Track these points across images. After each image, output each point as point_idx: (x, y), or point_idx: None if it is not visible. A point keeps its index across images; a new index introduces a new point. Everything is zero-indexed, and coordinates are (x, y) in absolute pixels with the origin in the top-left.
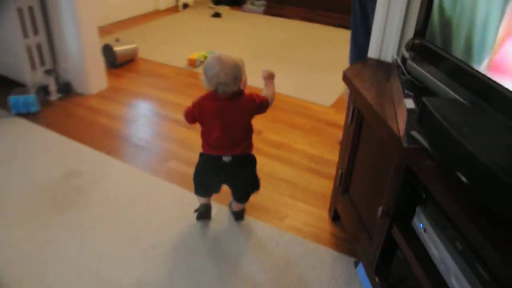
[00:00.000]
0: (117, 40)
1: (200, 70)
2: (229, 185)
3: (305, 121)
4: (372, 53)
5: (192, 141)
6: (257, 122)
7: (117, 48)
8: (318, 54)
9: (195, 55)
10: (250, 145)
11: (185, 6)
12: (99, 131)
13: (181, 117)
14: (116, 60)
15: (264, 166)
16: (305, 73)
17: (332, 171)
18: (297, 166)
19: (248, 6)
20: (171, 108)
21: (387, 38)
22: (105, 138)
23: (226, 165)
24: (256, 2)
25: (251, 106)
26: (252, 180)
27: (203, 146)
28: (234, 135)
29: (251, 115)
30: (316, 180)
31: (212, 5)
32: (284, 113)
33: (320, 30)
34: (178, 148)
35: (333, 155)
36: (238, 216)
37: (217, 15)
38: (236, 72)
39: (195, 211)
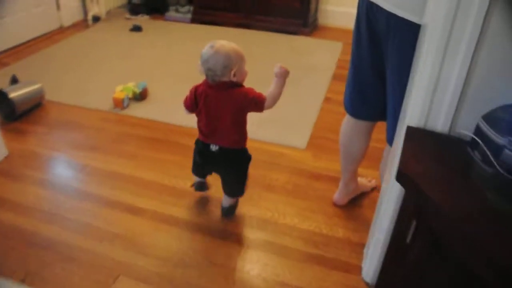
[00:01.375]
0: (13, 80)
1: (129, 111)
2: (219, 175)
3: (283, 177)
4: (413, 119)
5: (141, 232)
6: None
7: (15, 94)
8: (268, 68)
9: (121, 93)
10: (240, 141)
11: (96, 19)
12: (2, 239)
13: (123, 197)
14: (15, 110)
15: (253, 265)
16: None
17: (341, 254)
18: (294, 256)
19: (172, 14)
20: (102, 181)
21: (437, 99)
22: (13, 252)
23: (213, 155)
24: (181, 9)
25: (241, 100)
26: (239, 180)
27: (198, 132)
28: (221, 126)
29: (243, 110)
30: (327, 277)
31: (128, 15)
32: (254, 168)
33: (261, 38)
34: (127, 252)
35: (332, 227)
36: (226, 211)
37: (137, 28)
38: (227, 62)
39: (192, 185)
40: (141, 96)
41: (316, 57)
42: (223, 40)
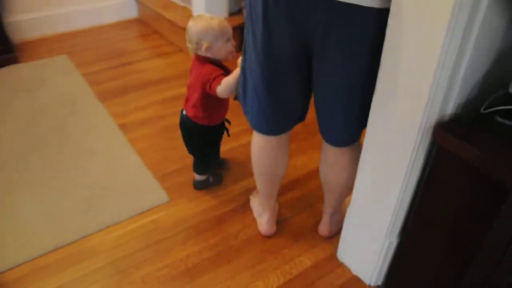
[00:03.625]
0: None
1: None
2: None
3: (182, 252)
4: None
5: None
6: None
7: None
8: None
9: None
10: (204, 118)
11: None
12: None
13: None
14: None
15: None
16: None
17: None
18: None
19: None
20: None
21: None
22: None
23: (182, 121)
24: None
25: (201, 78)
26: (198, 153)
27: None
28: (190, 95)
29: (203, 88)
30: None
31: None
32: (143, 261)
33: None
34: None
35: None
36: (194, 183)
37: None
38: (198, 36)
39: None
40: None
41: (60, 87)
42: (210, 14)
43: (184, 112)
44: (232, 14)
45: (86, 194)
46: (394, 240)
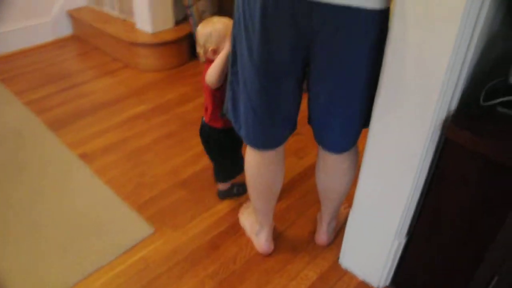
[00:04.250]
0: None
1: None
2: None
3: (190, 283)
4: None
5: None
6: None
7: None
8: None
9: None
10: (212, 117)
11: None
12: None
13: None
14: None
15: None
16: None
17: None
18: None
19: None
20: None
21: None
22: None
23: (201, 126)
24: None
25: (204, 76)
26: (217, 160)
27: None
28: (204, 99)
29: (208, 85)
30: None
31: None
32: None
33: None
34: None
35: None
36: (218, 193)
37: None
38: (204, 40)
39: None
40: None
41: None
42: (219, 17)
43: (203, 119)
44: (178, 23)
45: (58, 238)
46: (402, 240)
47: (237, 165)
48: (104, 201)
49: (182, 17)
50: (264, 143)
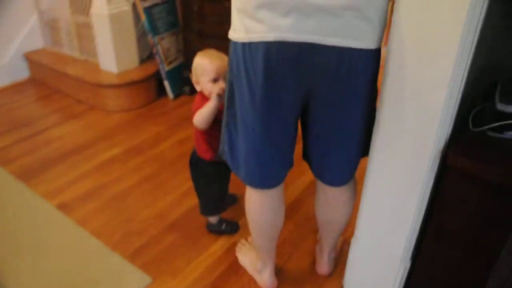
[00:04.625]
0: None
1: None
2: None
3: None
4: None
5: None
6: None
7: None
8: None
9: None
10: (201, 148)
11: None
12: None
13: None
14: None
15: None
16: None
17: None
18: None
19: None
20: None
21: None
22: None
23: (192, 155)
24: None
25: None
26: (202, 191)
27: None
28: (193, 131)
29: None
30: None
31: None
32: None
33: None
34: None
35: None
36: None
37: None
38: (193, 68)
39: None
40: None
41: None
42: (216, 52)
43: (194, 148)
44: (143, 61)
45: None
46: (408, 263)
47: (223, 199)
48: (93, 254)
49: (147, 55)
50: (267, 182)
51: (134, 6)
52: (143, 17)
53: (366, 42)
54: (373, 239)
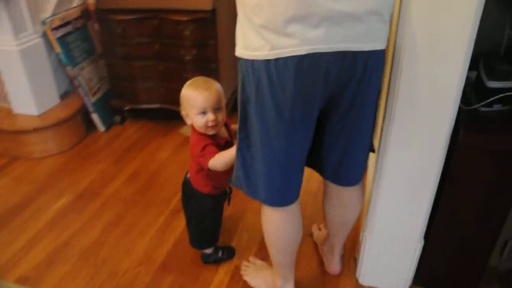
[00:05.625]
0: None
1: None
2: None
3: None
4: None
5: None
6: None
7: None
8: None
9: None
10: (199, 182)
11: None
12: None
13: None
14: None
15: None
16: None
17: None
18: None
19: None
20: None
21: None
22: None
23: (184, 182)
24: None
25: (192, 153)
26: (195, 224)
27: None
28: (190, 164)
29: (198, 164)
30: None
31: None
32: None
33: None
34: None
35: None
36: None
37: None
38: (181, 103)
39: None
40: None
41: None
42: (205, 80)
43: (188, 175)
44: (62, 97)
45: None
46: (422, 241)
47: (218, 230)
48: None
49: (65, 89)
50: (289, 197)
51: (44, 37)
52: (58, 49)
53: (384, 42)
54: (390, 223)
